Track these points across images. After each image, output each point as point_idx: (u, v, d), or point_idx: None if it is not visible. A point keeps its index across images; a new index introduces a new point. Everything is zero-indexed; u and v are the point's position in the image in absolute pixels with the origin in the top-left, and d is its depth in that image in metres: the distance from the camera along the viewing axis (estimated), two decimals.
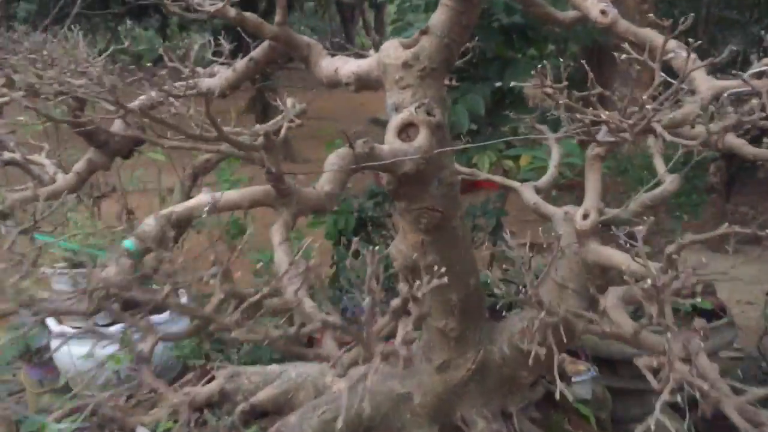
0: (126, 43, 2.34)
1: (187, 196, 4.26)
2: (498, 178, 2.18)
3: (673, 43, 1.10)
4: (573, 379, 2.13)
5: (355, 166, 1.39)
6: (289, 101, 3.81)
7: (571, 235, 1.62)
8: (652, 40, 1.10)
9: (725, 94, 1.07)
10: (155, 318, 3.33)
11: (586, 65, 1.22)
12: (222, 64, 2.14)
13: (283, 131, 1.34)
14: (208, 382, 2.07)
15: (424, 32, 1.58)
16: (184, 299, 3.44)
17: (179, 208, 1.25)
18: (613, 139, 0.93)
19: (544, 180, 2.06)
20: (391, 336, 1.00)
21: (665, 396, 0.89)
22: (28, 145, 2.02)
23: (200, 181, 4.70)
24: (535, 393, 1.94)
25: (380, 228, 4.06)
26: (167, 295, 0.99)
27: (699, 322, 1.01)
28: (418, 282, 0.81)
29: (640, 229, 2.11)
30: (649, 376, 0.94)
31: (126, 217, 4.73)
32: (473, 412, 1.81)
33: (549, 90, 1.08)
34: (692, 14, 1.05)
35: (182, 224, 1.27)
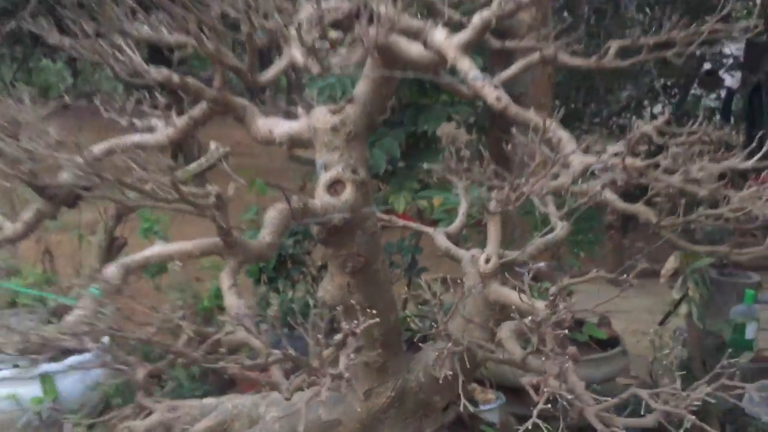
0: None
1: (111, 236, 4.31)
2: (414, 225, 2.44)
3: (553, 125, 1.38)
4: (482, 407, 2.38)
5: (293, 220, 1.60)
6: (212, 144, 3.99)
7: (476, 275, 1.88)
8: (536, 122, 1.38)
9: (593, 167, 1.35)
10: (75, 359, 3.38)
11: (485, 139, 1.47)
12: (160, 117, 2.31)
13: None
14: (147, 416, 2.20)
15: (349, 101, 1.82)
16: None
17: (138, 257, 1.42)
18: (500, 209, 1.19)
19: (454, 226, 2.33)
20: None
21: (541, 405, 1.14)
22: None
23: (123, 220, 4.76)
24: (447, 416, 2.18)
25: (300, 265, 4.26)
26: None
27: (571, 349, 1.27)
28: (355, 321, 1.03)
29: (541, 265, 2.39)
30: (531, 391, 1.19)
31: (46, 258, 4.72)
32: None
33: (452, 173, 1.34)
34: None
35: (138, 271, 1.44)
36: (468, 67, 1.40)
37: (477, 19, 1.42)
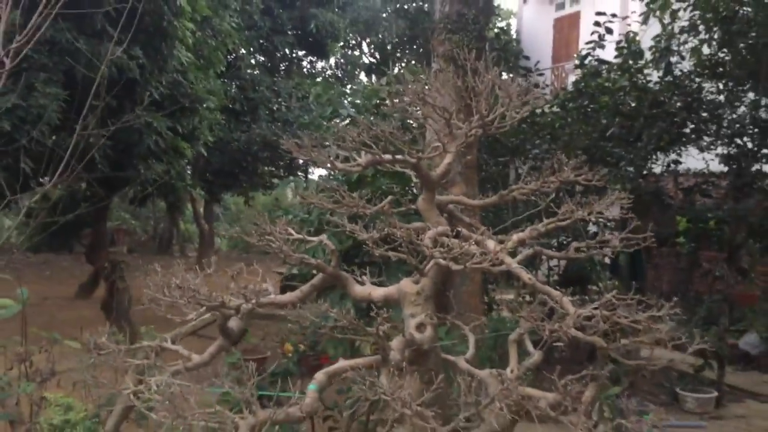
0: None
1: None
2: (450, 358, 3.60)
3: (560, 295, 2.67)
4: None
5: (406, 347, 2.76)
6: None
7: (497, 385, 3.05)
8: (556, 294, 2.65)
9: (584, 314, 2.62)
10: None
11: None
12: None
13: None
14: None
15: (423, 275, 3.04)
16: None
17: (331, 369, 2.53)
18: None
19: (469, 353, 3.51)
20: None
21: None
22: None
23: None
24: None
25: None
26: None
27: None
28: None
29: None
30: None
31: None
32: None
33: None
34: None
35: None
36: (510, 261, 2.69)
37: (515, 236, 2.73)
